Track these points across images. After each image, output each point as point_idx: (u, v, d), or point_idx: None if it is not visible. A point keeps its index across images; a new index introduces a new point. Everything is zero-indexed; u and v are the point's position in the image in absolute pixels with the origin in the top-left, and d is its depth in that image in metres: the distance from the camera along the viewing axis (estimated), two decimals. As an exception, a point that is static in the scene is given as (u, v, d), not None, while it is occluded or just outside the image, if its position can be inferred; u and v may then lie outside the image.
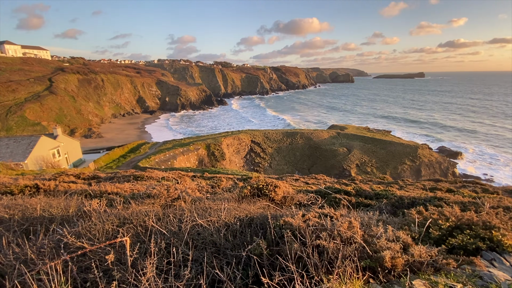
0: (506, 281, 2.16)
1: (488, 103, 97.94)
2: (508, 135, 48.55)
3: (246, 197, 6.01)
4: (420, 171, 33.92)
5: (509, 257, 2.58)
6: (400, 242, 2.47)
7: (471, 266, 2.32)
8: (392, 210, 4.70)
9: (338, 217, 3.44)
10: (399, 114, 78.59)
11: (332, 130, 47.82)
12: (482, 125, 59.77)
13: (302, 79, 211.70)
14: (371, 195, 6.43)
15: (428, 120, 66.76)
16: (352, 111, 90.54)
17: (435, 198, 4.71)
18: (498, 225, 2.90)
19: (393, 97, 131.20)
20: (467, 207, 3.82)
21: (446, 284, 2.06)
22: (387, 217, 3.91)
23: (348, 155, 38.54)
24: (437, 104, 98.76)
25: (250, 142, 43.12)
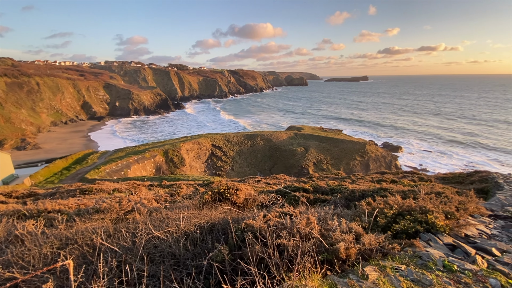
0: (440, 258, 2.47)
1: (418, 103, 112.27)
2: (435, 131, 56.16)
3: (207, 203, 5.86)
4: (369, 165, 37.21)
5: (442, 236, 2.96)
6: (353, 232, 2.65)
7: (412, 248, 2.59)
8: (345, 203, 5.04)
9: (298, 215, 3.56)
10: (347, 114, 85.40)
11: (290, 131, 49.66)
12: (415, 122, 68.24)
13: (260, 82, 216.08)
14: (327, 190, 6.82)
15: (372, 120, 73.75)
16: (305, 113, 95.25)
17: (381, 189, 5.20)
18: (432, 209, 3.30)
19: (342, 99, 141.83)
20: (407, 195, 4.27)
21: (392, 267, 2.26)
22: (341, 210, 4.17)
23: (306, 154, 40.41)
24: (378, 104, 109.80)
25: (210, 146, 42.37)
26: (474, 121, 67.02)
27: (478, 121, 67.04)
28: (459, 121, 68.13)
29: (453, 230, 3.02)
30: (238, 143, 44.00)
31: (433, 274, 2.21)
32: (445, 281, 2.14)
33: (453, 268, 2.31)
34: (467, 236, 3.01)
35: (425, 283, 2.08)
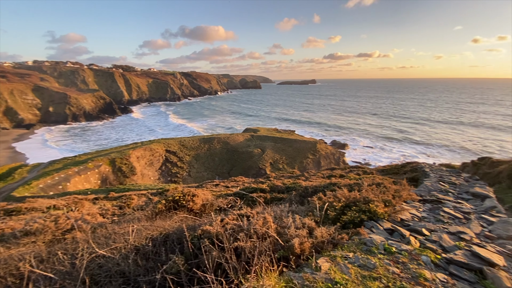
0: (381, 242, 2.74)
1: (359, 104, 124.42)
2: (374, 129, 62.82)
3: (161, 212, 5.54)
4: (320, 162, 39.72)
5: (382, 222, 3.29)
6: (306, 227, 2.77)
7: (358, 236, 2.83)
8: (300, 200, 5.27)
9: (255, 215, 3.58)
10: (299, 116, 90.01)
11: (246, 133, 50.13)
12: (357, 122, 75.44)
13: (214, 85, 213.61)
14: (283, 189, 7.05)
15: (320, 120, 79.19)
16: (260, 116, 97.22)
17: (331, 184, 5.57)
18: (373, 199, 3.65)
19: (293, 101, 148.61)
20: (353, 187, 4.66)
21: (342, 255, 2.43)
22: (296, 207, 4.35)
23: (263, 155, 41.26)
24: (325, 106, 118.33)
25: (164, 152, 40.24)
26: (404, 119, 76.93)
27: (407, 119, 77.14)
28: (393, 119, 77.43)
29: (391, 216, 3.39)
30: (194, 148, 42.71)
31: (376, 257, 2.44)
32: (386, 263, 2.38)
33: (392, 250, 2.58)
34: (402, 220, 3.41)
35: (370, 267, 2.28)
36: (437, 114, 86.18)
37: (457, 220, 3.59)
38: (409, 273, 2.26)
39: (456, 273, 2.36)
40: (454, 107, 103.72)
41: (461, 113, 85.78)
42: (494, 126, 62.60)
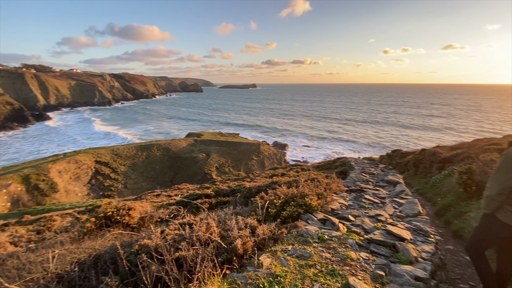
0: (315, 232, 3.01)
1: (294, 107, 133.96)
2: (310, 130, 68.54)
3: (90, 232, 4.93)
4: (264, 163, 41.16)
5: (316, 214, 3.62)
6: (248, 227, 2.85)
7: (296, 229, 3.05)
8: (244, 201, 5.38)
9: (198, 222, 3.51)
10: (241, 120, 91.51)
11: (189, 138, 48.41)
12: (294, 123, 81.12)
13: (151, 88, 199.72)
14: (228, 192, 7.07)
15: (262, 123, 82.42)
16: (201, 120, 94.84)
17: (272, 183, 5.85)
18: (308, 193, 3.98)
19: (235, 105, 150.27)
20: (291, 184, 4.99)
21: (282, 249, 2.59)
22: (240, 208, 4.42)
23: (208, 160, 40.47)
24: (265, 110, 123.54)
25: (93, 163, 35.65)
26: (333, 120, 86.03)
27: (336, 120, 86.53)
28: (324, 120, 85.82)
29: (324, 207, 3.76)
30: (130, 156, 39.09)
31: (312, 246, 2.68)
32: (320, 250, 2.63)
33: (325, 238, 2.87)
34: (333, 210, 3.81)
35: (306, 256, 2.49)
36: (359, 114, 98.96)
37: (375, 205, 4.21)
38: (339, 256, 2.55)
39: (375, 250, 2.76)
40: (371, 108, 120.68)
41: (377, 114, 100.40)
42: (402, 124, 75.28)
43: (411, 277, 2.31)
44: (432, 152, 10.39)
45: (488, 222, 2.71)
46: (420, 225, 3.42)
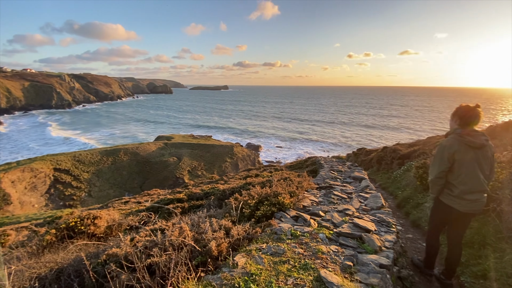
0: (288, 229, 3.10)
1: (266, 109, 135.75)
2: (280, 131, 70.02)
3: (51, 244, 4.55)
4: (238, 165, 41.09)
5: (289, 211, 3.72)
6: (223, 228, 2.86)
7: (270, 227, 3.12)
8: (218, 203, 5.34)
9: (170, 227, 3.42)
10: (213, 122, 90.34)
11: (159, 142, 46.61)
12: (267, 125, 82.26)
13: (116, 90, 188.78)
14: (202, 195, 6.96)
15: (235, 125, 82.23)
16: (171, 122, 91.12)
17: (247, 184, 5.89)
18: (281, 192, 4.08)
19: (207, 107, 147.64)
20: (265, 184, 5.07)
21: (256, 248, 2.63)
22: (214, 211, 4.39)
23: (179, 163, 39.31)
24: (237, 112, 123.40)
25: (52, 171, 32.72)
26: (303, 121, 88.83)
27: (306, 121, 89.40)
28: (295, 122, 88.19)
29: (296, 205, 3.89)
30: (94, 162, 36.57)
31: (285, 243, 2.76)
32: (293, 246, 2.72)
33: (297, 234, 2.97)
34: (304, 207, 3.95)
35: (280, 253, 2.56)
36: (327, 116, 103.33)
37: (343, 200, 4.45)
38: (311, 250, 2.66)
39: (344, 242, 2.92)
40: (338, 110, 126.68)
41: (343, 115, 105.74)
42: (365, 124, 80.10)
43: (376, 265, 2.49)
44: (393, 149, 11.23)
45: (436, 205, 3.13)
46: (383, 217, 3.69)
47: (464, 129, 2.82)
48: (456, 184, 2.83)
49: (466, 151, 2.74)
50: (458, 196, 2.82)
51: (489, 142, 2.78)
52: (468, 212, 2.84)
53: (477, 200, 2.78)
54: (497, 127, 8.15)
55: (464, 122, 2.84)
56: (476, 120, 2.81)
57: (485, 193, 2.81)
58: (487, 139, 2.77)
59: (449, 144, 2.82)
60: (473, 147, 2.73)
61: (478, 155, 2.74)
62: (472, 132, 2.77)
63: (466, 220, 2.97)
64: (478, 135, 2.76)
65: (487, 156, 2.78)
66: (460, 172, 2.78)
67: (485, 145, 2.74)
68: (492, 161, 2.83)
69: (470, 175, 2.75)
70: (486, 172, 2.81)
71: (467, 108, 2.84)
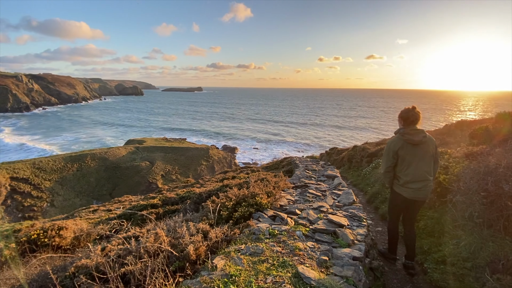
0: (267, 229, 3.15)
1: (240, 111, 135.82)
2: (256, 133, 70.59)
3: (11, 260, 4.16)
4: (214, 167, 40.59)
5: (267, 211, 3.78)
6: (201, 232, 2.82)
7: (248, 228, 3.14)
8: (195, 207, 5.25)
9: (145, 234, 3.31)
10: (187, 124, 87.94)
11: (129, 146, 44.49)
12: (242, 127, 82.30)
13: (81, 91, 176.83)
14: (177, 200, 6.78)
15: (209, 127, 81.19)
16: (142, 126, 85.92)
17: (223, 186, 5.86)
18: (258, 192, 4.13)
19: (181, 109, 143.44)
20: (242, 186, 5.08)
21: (235, 249, 2.64)
22: (191, 215, 4.31)
23: (152, 168, 37.86)
24: (212, 114, 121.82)
25: (8, 180, 29.73)
26: (278, 123, 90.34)
27: (281, 122, 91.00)
28: (270, 123, 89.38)
29: (273, 204, 3.96)
30: (57, 170, 33.91)
31: (263, 243, 2.80)
32: (271, 245, 2.77)
33: (275, 233, 3.03)
34: (281, 206, 4.04)
35: (259, 252, 2.59)
36: (300, 117, 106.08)
37: (318, 198, 4.61)
38: (288, 248, 2.73)
39: (319, 238, 3.03)
40: (310, 111, 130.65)
41: (316, 116, 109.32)
42: (336, 125, 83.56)
43: (349, 258, 2.62)
44: (362, 148, 11.85)
45: (391, 194, 3.57)
46: (355, 212, 3.89)
47: (406, 129, 3.19)
48: (401, 176, 3.25)
49: (407, 147, 3.15)
50: (403, 185, 3.24)
51: (427, 139, 3.15)
52: (414, 199, 3.23)
53: (419, 188, 3.17)
54: (451, 126, 8.97)
55: (406, 123, 3.22)
56: (415, 120, 3.18)
57: (427, 182, 3.18)
58: (425, 135, 3.14)
59: (393, 142, 3.25)
60: (413, 144, 3.12)
61: (418, 150, 3.13)
62: (413, 131, 3.15)
63: (415, 207, 3.36)
64: (418, 133, 3.13)
65: (427, 150, 3.15)
66: (403, 165, 3.20)
67: (423, 142, 3.12)
68: (433, 154, 3.21)
69: (411, 168, 3.15)
70: (428, 164, 3.18)
71: (406, 110, 3.22)
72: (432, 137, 3.23)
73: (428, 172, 3.18)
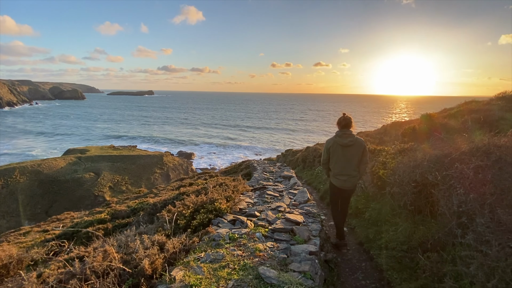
0: (227, 233, 3.13)
1: (194, 115, 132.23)
2: (212, 138, 69.67)
3: None
4: (169, 175, 38.65)
5: (226, 216, 3.76)
6: (156, 244, 2.67)
7: (207, 235, 3.08)
8: (149, 219, 4.94)
9: (91, 253, 3.00)
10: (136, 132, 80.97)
11: (69, 156, 39.61)
12: (197, 132, 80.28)
13: (5, 95, 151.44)
14: (128, 212, 6.29)
15: (162, 133, 77.06)
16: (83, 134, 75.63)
17: (180, 194, 5.64)
18: (217, 198, 4.08)
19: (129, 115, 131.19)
20: (200, 192, 4.97)
21: (194, 258, 2.56)
22: (145, 227, 4.04)
23: (98, 180, 34.29)
24: (165, 119, 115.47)
25: None
26: (234, 127, 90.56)
27: (237, 126, 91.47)
28: (226, 128, 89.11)
29: (232, 208, 3.96)
30: (-28, 189, 28.38)
31: (224, 248, 2.78)
32: (232, 249, 2.76)
33: (235, 237, 3.03)
34: (241, 209, 4.06)
35: (219, 258, 2.56)
36: (256, 121, 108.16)
37: (276, 198, 4.76)
38: (249, 250, 2.76)
39: (278, 238, 3.13)
40: (265, 116, 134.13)
41: (271, 120, 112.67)
42: (290, 128, 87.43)
43: (306, 253, 2.76)
44: (314, 149, 12.62)
45: (329, 185, 4.27)
46: (310, 209, 4.12)
47: (340, 132, 3.85)
48: (332, 169, 4.01)
49: (337, 147, 3.85)
50: (334, 176, 4.00)
51: (354, 142, 3.77)
52: (342, 188, 3.97)
53: (345, 180, 3.90)
54: (387, 126, 10.15)
55: (340, 126, 3.89)
56: (347, 124, 3.83)
57: (350, 177, 3.88)
58: (352, 140, 3.76)
59: (328, 141, 4.01)
60: (341, 145, 3.81)
61: (345, 151, 3.81)
62: (344, 134, 3.80)
63: (345, 194, 4.08)
64: (346, 137, 3.78)
65: (353, 152, 3.81)
66: (333, 161, 3.95)
67: (349, 145, 3.77)
68: (358, 155, 3.84)
69: (338, 163, 3.89)
70: (354, 163, 3.85)
71: (340, 117, 3.92)
72: (362, 140, 3.86)
73: (353, 169, 3.86)
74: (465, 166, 2.94)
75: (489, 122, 6.14)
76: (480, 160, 2.91)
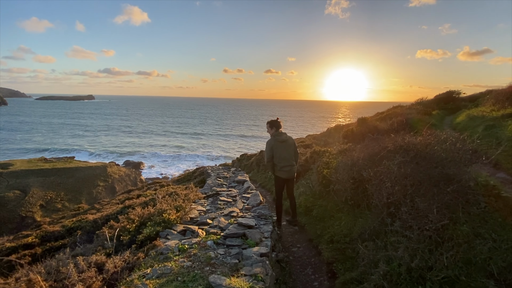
0: (176, 245, 3.00)
1: (143, 121, 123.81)
2: (163, 146, 66.10)
3: None
4: (115, 187, 35.24)
5: (176, 227, 3.59)
6: (93, 265, 2.42)
7: (154, 249, 2.90)
8: (88, 238, 4.43)
9: (12, 284, 2.56)
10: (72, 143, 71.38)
11: (-16, 173, 33.15)
12: (145, 140, 75.16)
13: None
14: (63, 233, 5.53)
15: (106, 143, 70.03)
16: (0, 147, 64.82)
17: (125, 208, 5.19)
18: (166, 208, 3.88)
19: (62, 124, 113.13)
20: (148, 204, 4.66)
21: (139, 276, 2.39)
22: (82, 248, 3.62)
23: (25, 198, 29.32)
24: (107, 126, 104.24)
25: None
26: (185, 134, 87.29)
27: (187, 133, 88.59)
28: (177, 134, 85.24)
29: (183, 218, 3.81)
30: None
31: (172, 261, 2.65)
32: (181, 261, 2.65)
33: (185, 248, 2.92)
34: (192, 218, 3.93)
35: (167, 272, 2.44)
36: (210, 127, 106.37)
37: (229, 204, 4.74)
38: (200, 260, 2.68)
39: (230, 243, 3.12)
40: (219, 121, 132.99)
41: (225, 126, 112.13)
42: (243, 134, 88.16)
43: (257, 255, 2.81)
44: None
45: (275, 179, 4.92)
46: (262, 211, 4.21)
47: (276, 132, 4.76)
48: (277, 163, 4.70)
49: (278, 144, 4.67)
50: (281, 169, 4.70)
51: (288, 138, 4.78)
52: (288, 178, 4.80)
53: (289, 170, 4.72)
54: (331, 129, 11.02)
55: (276, 128, 4.80)
56: (279, 126, 4.80)
57: (292, 166, 4.74)
58: (286, 136, 4.77)
59: (270, 141, 4.74)
60: (280, 142, 4.68)
61: (284, 145, 4.70)
62: (280, 133, 4.77)
63: (290, 183, 4.93)
64: (282, 135, 4.76)
65: (289, 145, 4.76)
66: (277, 156, 4.66)
67: (285, 140, 4.72)
68: (293, 148, 4.82)
69: (281, 157, 4.66)
70: (291, 154, 4.77)
71: (274, 121, 4.85)
72: (291, 137, 4.92)
73: (292, 159, 4.79)
74: (391, 162, 3.38)
75: (410, 124, 7.18)
76: (402, 156, 3.37)
